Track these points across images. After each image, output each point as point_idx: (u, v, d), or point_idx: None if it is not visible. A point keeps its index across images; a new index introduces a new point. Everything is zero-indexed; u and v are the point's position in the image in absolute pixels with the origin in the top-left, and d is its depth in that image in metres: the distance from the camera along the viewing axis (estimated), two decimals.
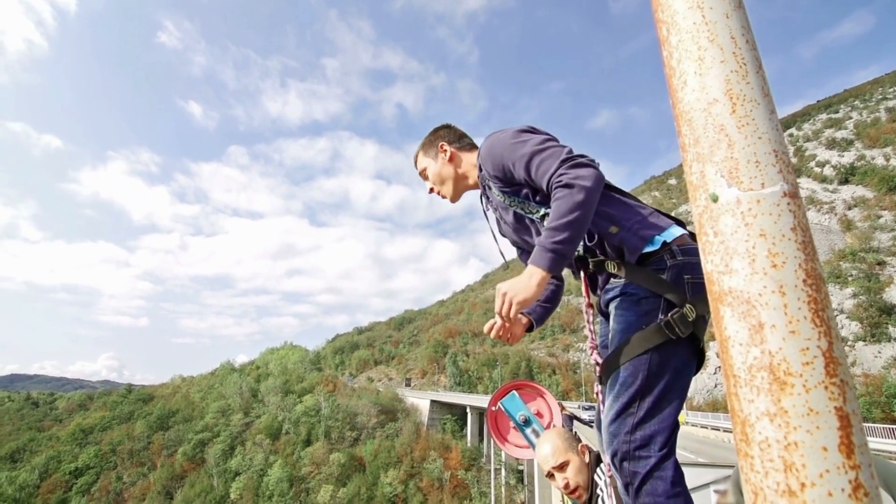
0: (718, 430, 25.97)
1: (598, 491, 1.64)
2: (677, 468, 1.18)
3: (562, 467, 1.74)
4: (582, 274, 1.43)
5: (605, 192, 1.36)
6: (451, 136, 1.64)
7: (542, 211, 1.37)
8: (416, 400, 53.08)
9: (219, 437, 46.79)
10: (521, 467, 37.24)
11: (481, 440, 46.46)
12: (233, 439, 46.43)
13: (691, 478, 2.12)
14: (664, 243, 1.28)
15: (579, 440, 1.85)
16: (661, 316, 1.22)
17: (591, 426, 1.74)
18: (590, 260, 1.37)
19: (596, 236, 1.34)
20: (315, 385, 55.91)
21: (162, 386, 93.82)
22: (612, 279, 1.35)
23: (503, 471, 35.05)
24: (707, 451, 17.44)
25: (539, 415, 3.75)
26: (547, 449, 1.78)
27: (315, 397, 50.11)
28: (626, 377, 1.22)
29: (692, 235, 1.33)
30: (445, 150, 1.61)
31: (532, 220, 1.42)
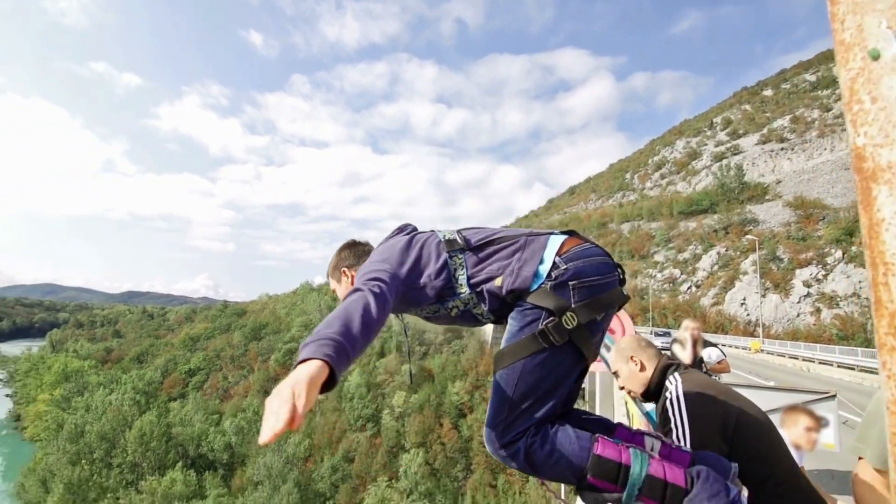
0: (797, 358, 24.94)
1: (667, 394, 1.77)
2: (558, 434, 1.22)
3: (615, 374, 2.01)
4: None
5: (477, 250, 1.37)
6: (351, 259, 1.65)
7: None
8: None
9: None
10: (581, 385, 38.48)
11: None
12: None
13: (762, 402, 2.13)
14: (549, 266, 1.28)
15: (652, 348, 1.98)
16: (540, 325, 1.23)
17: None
18: (502, 316, 1.37)
19: (488, 296, 1.33)
20: None
21: (252, 303, 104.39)
22: None
23: None
24: (780, 378, 16.98)
25: (611, 330, 3.84)
26: (609, 357, 2.06)
27: None
28: (498, 384, 1.27)
29: (573, 235, 1.38)
30: (347, 275, 1.63)
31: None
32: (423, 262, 1.38)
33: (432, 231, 1.51)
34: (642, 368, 1.90)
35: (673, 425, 1.65)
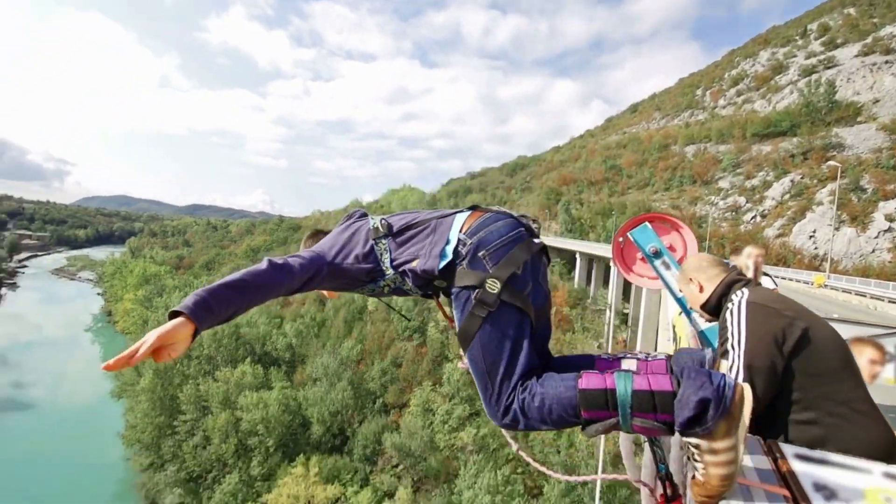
0: (864, 296, 23.53)
1: (729, 304, 1.73)
2: (544, 384, 1.28)
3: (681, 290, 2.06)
4: (436, 298, 1.59)
5: (398, 235, 1.52)
6: (311, 244, 1.81)
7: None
8: None
9: None
10: (626, 310, 38.52)
11: (588, 283, 48.09)
12: None
13: None
14: (455, 244, 1.40)
15: (716, 266, 1.92)
16: (472, 301, 1.33)
17: None
18: (428, 291, 1.51)
19: (411, 274, 1.46)
20: None
21: (305, 218, 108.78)
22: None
23: (608, 312, 36.71)
24: (842, 314, 16.17)
25: (672, 248, 3.69)
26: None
27: None
28: (472, 365, 1.38)
29: (476, 209, 1.50)
30: None
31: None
32: (350, 246, 1.57)
33: (369, 218, 1.68)
34: (701, 289, 1.89)
35: (729, 333, 1.64)
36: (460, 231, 1.42)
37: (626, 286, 35.94)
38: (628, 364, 1.33)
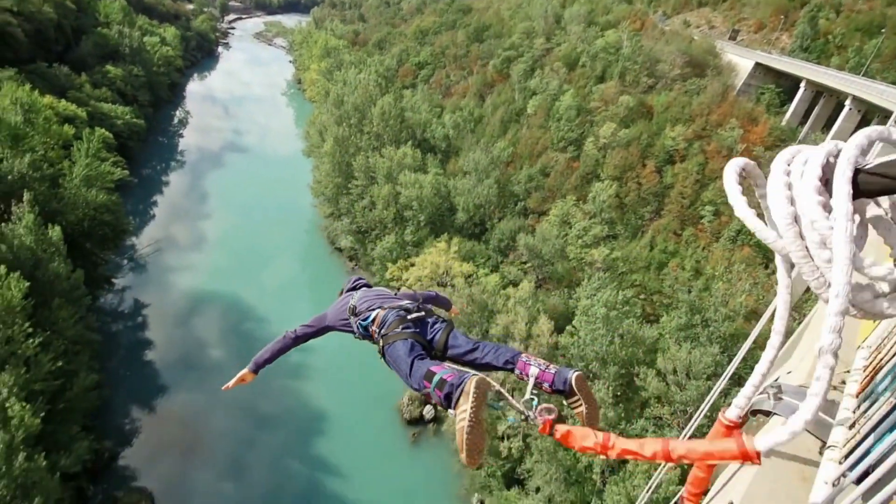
0: None
1: None
2: (414, 370, 2.67)
3: None
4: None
5: (358, 315, 3.27)
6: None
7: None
8: (737, 58, 44.24)
9: (522, 58, 50.80)
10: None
11: (801, 123, 38.78)
12: (533, 62, 49.87)
13: None
14: (368, 325, 3.21)
15: None
16: (380, 344, 3.07)
17: None
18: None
19: (366, 333, 3.23)
20: (621, 20, 50.98)
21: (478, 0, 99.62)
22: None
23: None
24: None
25: None
26: None
27: (618, 33, 46.62)
28: (392, 364, 2.90)
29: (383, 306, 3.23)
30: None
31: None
32: (340, 314, 3.39)
33: (351, 294, 3.47)
34: None
35: None
36: (372, 323, 3.11)
37: None
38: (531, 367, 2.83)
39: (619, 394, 24.40)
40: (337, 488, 24.97)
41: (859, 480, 1.13)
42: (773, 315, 1.76)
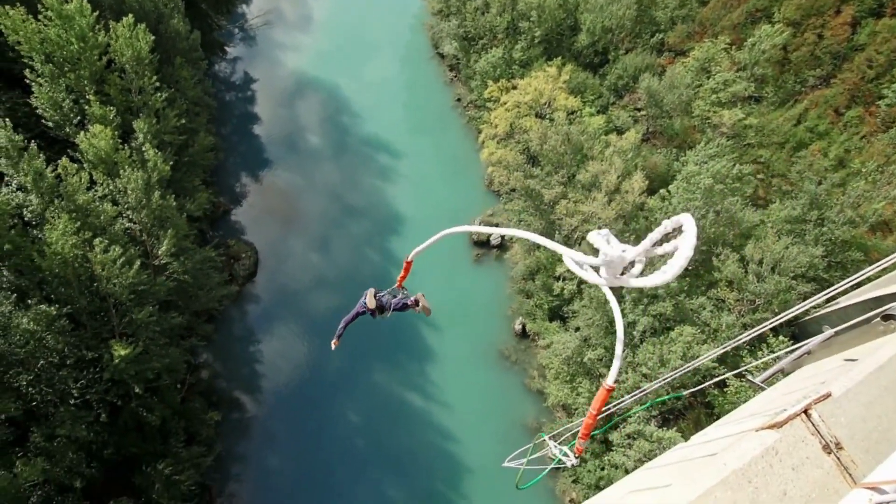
0: None
1: None
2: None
3: None
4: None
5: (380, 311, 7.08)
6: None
7: None
8: None
9: None
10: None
11: None
12: None
13: None
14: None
15: None
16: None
17: None
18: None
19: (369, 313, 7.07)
20: None
21: None
22: None
23: None
24: None
25: None
26: None
27: None
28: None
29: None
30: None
31: None
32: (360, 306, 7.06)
33: (365, 300, 6.94)
34: None
35: None
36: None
37: None
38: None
39: (689, 268, 23.71)
40: None
41: None
42: None
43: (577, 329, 23.92)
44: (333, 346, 7.13)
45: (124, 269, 17.47)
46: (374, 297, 6.69)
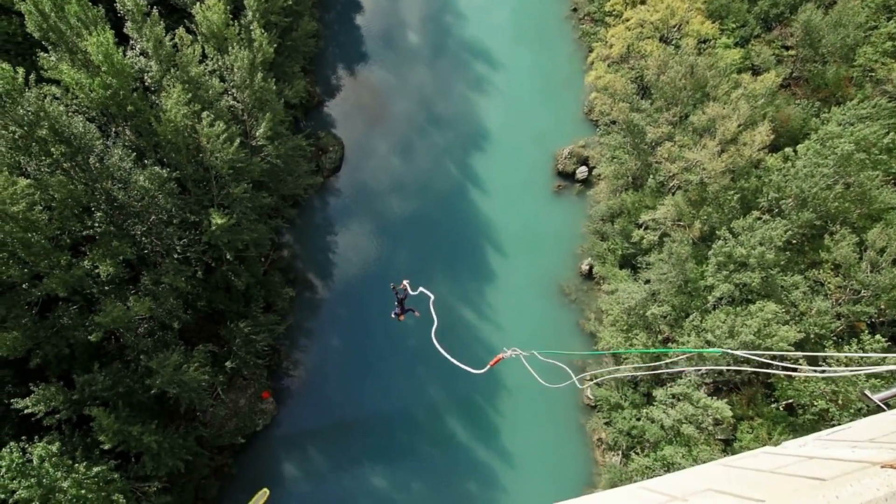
0: None
1: None
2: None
3: None
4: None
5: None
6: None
7: None
8: None
9: None
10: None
11: None
12: None
13: None
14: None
15: None
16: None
17: None
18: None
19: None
20: None
21: None
22: None
23: None
24: None
25: None
26: None
27: None
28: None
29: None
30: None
31: None
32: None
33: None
34: None
35: None
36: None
37: None
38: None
39: (793, 241, 21.24)
40: (476, 199, 28.32)
41: None
42: None
43: (647, 282, 22.92)
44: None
45: (226, 145, 18.76)
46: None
